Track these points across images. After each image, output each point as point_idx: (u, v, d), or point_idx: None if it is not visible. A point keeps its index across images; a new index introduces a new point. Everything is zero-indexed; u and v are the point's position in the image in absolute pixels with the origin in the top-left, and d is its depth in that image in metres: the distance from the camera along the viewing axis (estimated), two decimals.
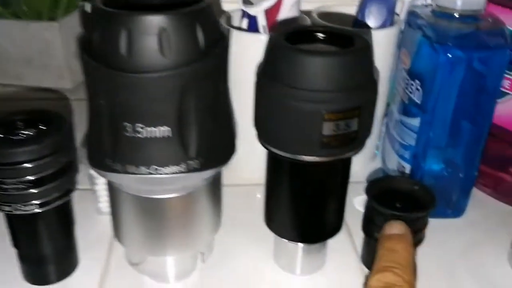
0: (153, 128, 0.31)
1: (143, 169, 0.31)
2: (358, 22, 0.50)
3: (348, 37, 0.34)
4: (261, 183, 0.47)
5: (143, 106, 0.30)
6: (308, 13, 0.51)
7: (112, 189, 0.36)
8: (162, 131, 0.31)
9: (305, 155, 0.34)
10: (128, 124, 0.30)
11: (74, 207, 0.40)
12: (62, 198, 0.36)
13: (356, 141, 0.34)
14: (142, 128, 0.30)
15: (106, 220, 0.46)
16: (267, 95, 0.34)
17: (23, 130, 0.35)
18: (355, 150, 0.34)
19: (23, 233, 0.37)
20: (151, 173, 0.32)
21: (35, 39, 0.68)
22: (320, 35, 0.35)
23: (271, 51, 0.34)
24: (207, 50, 0.31)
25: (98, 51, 0.30)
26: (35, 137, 0.35)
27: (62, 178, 0.36)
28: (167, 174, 0.32)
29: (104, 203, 0.46)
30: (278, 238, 0.40)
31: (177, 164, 0.32)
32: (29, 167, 0.34)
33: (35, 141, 0.34)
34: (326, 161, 0.34)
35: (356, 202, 0.47)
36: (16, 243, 0.38)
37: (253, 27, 0.46)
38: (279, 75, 0.32)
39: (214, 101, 0.32)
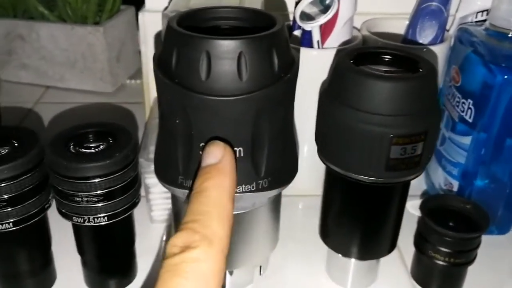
0: None
1: None
2: (408, 38, 0.50)
3: (413, 60, 0.35)
4: (304, 194, 0.49)
5: (220, 128, 0.31)
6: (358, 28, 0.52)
7: (177, 203, 0.37)
8: (236, 151, 0.32)
9: (369, 177, 0.34)
10: (204, 145, 0.31)
11: None
12: (128, 211, 0.38)
13: (419, 165, 0.34)
14: None
15: (159, 228, 0.47)
16: (333, 115, 0.34)
17: (94, 143, 0.37)
18: (417, 174, 0.35)
19: (86, 241, 0.39)
20: None
21: (79, 42, 0.70)
22: (386, 57, 0.36)
23: (338, 72, 0.34)
24: (280, 74, 0.31)
25: (175, 71, 0.31)
26: (106, 152, 0.36)
27: (129, 192, 0.37)
28: (239, 192, 0.33)
29: (157, 211, 0.47)
30: (331, 250, 0.41)
31: (249, 183, 0.33)
32: (100, 182, 0.35)
33: (107, 156, 0.35)
34: (388, 183, 0.35)
35: (409, 206, 0.47)
36: (81, 250, 0.39)
37: (307, 41, 0.47)
38: (347, 97, 0.33)
39: (284, 123, 0.33)
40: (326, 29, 0.46)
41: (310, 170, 0.47)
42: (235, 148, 0.31)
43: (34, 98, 0.72)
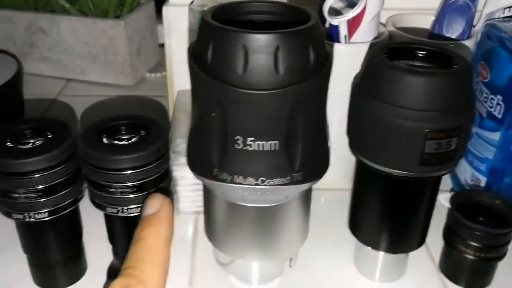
0: (263, 142, 0.32)
1: (251, 180, 0.32)
2: (435, 33, 0.50)
3: (447, 56, 0.35)
4: (326, 188, 0.49)
5: (256, 121, 0.31)
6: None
7: (209, 195, 0.37)
8: (271, 144, 0.32)
9: (402, 171, 0.34)
10: (239, 137, 0.31)
11: None
12: None
13: (453, 160, 0.34)
14: (253, 141, 0.31)
15: (184, 220, 0.48)
16: (368, 110, 0.34)
17: (126, 135, 0.37)
18: (450, 169, 0.35)
19: (118, 231, 0.39)
20: (258, 184, 0.33)
21: (100, 36, 0.70)
22: (420, 52, 0.36)
23: (373, 67, 0.34)
24: (315, 68, 0.31)
25: (211, 65, 0.31)
26: (139, 144, 0.36)
27: (161, 184, 0.37)
28: (273, 185, 0.33)
29: (184, 203, 0.47)
30: (360, 243, 0.41)
31: (283, 176, 0.33)
32: (134, 173, 0.35)
33: (140, 148, 0.35)
34: (421, 178, 0.35)
35: (442, 198, 0.47)
36: (112, 240, 0.40)
37: (334, 36, 0.47)
38: (383, 91, 0.33)
39: (318, 117, 0.33)
40: (353, 24, 0.46)
41: (333, 164, 0.46)
42: (270, 142, 0.32)
43: (55, 90, 0.72)
